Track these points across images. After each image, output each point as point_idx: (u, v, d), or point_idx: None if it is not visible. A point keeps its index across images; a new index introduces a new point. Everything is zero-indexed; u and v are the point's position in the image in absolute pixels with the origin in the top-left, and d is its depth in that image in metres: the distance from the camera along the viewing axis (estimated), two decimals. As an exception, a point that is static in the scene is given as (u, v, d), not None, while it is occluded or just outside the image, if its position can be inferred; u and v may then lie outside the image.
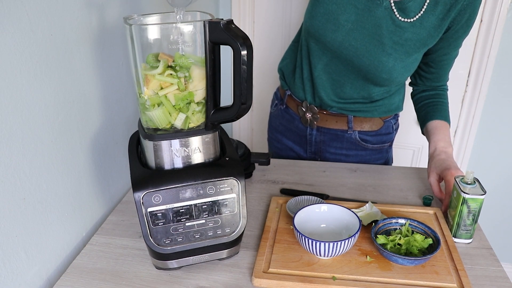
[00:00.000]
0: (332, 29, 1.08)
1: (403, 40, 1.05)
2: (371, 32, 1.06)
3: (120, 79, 1.04)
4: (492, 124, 1.91)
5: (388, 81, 1.10)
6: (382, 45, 1.05)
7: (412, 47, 1.06)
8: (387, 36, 1.05)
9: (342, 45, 1.08)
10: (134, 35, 0.69)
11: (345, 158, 1.28)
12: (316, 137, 1.27)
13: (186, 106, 0.73)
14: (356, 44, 1.07)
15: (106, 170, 1.02)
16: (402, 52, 1.06)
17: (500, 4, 1.69)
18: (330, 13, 1.07)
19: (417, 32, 1.04)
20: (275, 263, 0.82)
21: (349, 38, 1.07)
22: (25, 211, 0.75)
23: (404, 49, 1.06)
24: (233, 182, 0.77)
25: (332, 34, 1.08)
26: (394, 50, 1.05)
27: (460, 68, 1.86)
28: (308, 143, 1.30)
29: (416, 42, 1.05)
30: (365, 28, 1.06)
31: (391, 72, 1.08)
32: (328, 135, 1.26)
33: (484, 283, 0.80)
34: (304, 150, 1.32)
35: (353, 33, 1.06)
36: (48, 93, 0.78)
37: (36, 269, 0.79)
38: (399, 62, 1.07)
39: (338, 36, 1.08)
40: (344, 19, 1.06)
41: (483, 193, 0.87)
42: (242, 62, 0.68)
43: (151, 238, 0.75)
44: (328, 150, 1.28)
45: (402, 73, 1.10)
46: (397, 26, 1.04)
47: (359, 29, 1.06)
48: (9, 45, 0.68)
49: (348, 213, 0.88)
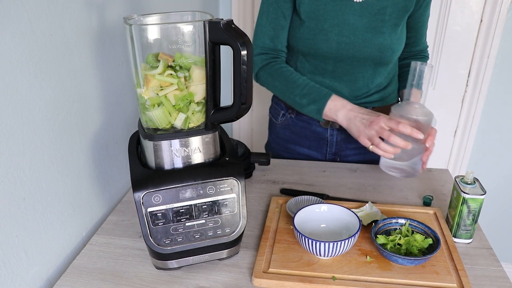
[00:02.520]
0: (323, 39, 1.11)
1: (387, 15, 1.09)
2: (357, 24, 1.10)
3: (120, 79, 1.04)
4: (492, 124, 1.91)
5: (392, 56, 1.15)
6: (372, 29, 1.10)
7: (397, 17, 1.11)
8: (372, 18, 1.09)
9: (339, 48, 1.11)
10: (134, 35, 0.69)
11: (365, 150, 1.19)
12: (337, 137, 1.26)
13: (186, 106, 0.73)
14: (350, 41, 1.11)
15: (106, 170, 1.02)
16: (390, 26, 1.11)
17: (500, 4, 1.70)
18: (314, 27, 1.11)
19: (396, 2, 1.09)
20: (275, 263, 0.82)
21: (343, 38, 1.10)
22: (25, 211, 0.75)
23: (391, 22, 1.10)
24: (233, 182, 0.77)
25: (325, 43, 1.12)
26: (384, 28, 1.10)
27: (460, 68, 1.86)
28: (329, 145, 1.28)
29: (399, 12, 1.10)
30: (350, 23, 1.10)
31: (392, 47, 1.13)
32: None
33: (484, 283, 0.80)
34: (322, 154, 1.30)
35: (342, 33, 1.10)
36: (48, 93, 0.78)
37: (36, 269, 0.79)
38: (393, 35, 1.12)
39: (331, 42, 1.11)
40: (328, 25, 1.10)
41: (483, 193, 0.87)
42: (242, 62, 0.68)
43: (151, 238, 0.75)
44: (349, 147, 1.27)
45: (400, 44, 1.15)
46: (378, 6, 1.09)
47: (346, 27, 1.10)
48: (9, 45, 0.68)
49: (348, 213, 0.88)
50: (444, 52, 1.84)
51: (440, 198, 1.07)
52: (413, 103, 0.99)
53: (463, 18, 1.77)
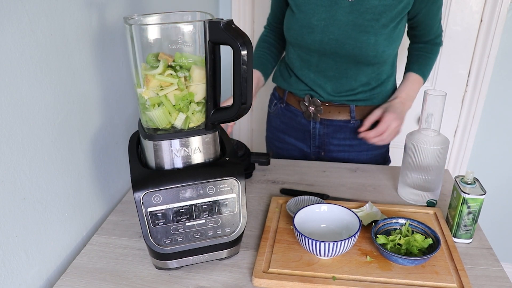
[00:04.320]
0: (308, 32, 1.15)
1: (377, 14, 1.09)
2: (344, 20, 1.11)
3: (120, 79, 1.04)
4: (492, 124, 1.91)
5: (376, 57, 1.14)
6: (358, 27, 1.11)
7: (387, 18, 1.10)
8: (359, 17, 1.10)
9: (322, 42, 1.14)
10: (134, 35, 0.69)
11: (349, 148, 1.29)
12: (320, 130, 1.29)
13: (186, 106, 0.73)
14: (335, 36, 1.13)
15: (106, 170, 1.02)
16: (379, 26, 1.10)
17: (500, 4, 1.69)
18: (302, 19, 1.15)
19: (385, 3, 1.09)
20: (275, 263, 0.82)
21: (327, 33, 1.13)
22: (25, 211, 0.75)
23: (380, 22, 1.10)
24: (233, 182, 0.77)
25: (309, 36, 1.15)
26: (371, 27, 1.10)
27: (460, 68, 1.86)
28: (312, 138, 1.31)
29: (390, 12, 1.10)
30: (338, 19, 1.11)
31: (376, 48, 1.12)
32: (331, 127, 1.27)
33: (484, 283, 0.80)
34: (307, 146, 1.33)
35: (328, 28, 1.12)
36: (48, 93, 0.78)
37: (36, 269, 0.79)
38: (380, 36, 1.11)
39: (316, 36, 1.14)
40: (316, 19, 1.13)
41: (483, 193, 0.87)
42: (242, 62, 0.68)
43: (151, 238, 0.75)
44: (332, 142, 1.30)
45: (387, 45, 1.14)
46: (367, 4, 1.09)
47: (332, 23, 1.12)
48: (9, 45, 0.68)
49: (348, 213, 0.88)
50: (444, 52, 1.84)
51: (440, 198, 1.07)
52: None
53: (463, 18, 1.77)
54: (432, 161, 0.98)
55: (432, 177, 1.01)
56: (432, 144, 0.97)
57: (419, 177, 1.01)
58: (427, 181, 1.01)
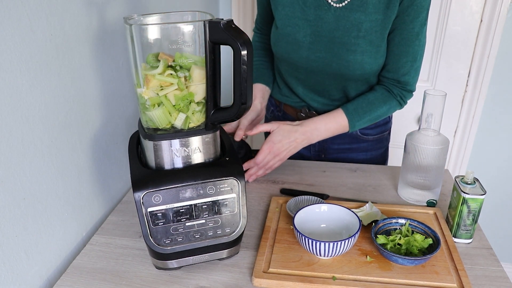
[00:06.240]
0: (294, 49, 1.12)
1: (363, 31, 1.05)
2: (330, 38, 1.08)
3: (120, 79, 1.04)
4: (492, 124, 1.91)
5: (364, 75, 1.11)
6: (344, 45, 1.07)
7: (373, 35, 1.05)
8: (345, 34, 1.07)
9: (309, 60, 1.12)
10: (134, 35, 0.69)
11: (349, 151, 1.29)
12: None
13: (186, 106, 0.73)
14: (321, 54, 1.10)
15: (106, 170, 1.02)
16: (365, 43, 1.06)
17: (500, 4, 1.70)
18: (288, 35, 1.11)
19: (372, 19, 1.04)
20: (275, 263, 0.82)
21: (313, 50, 1.11)
22: (25, 211, 0.75)
23: (367, 40, 1.06)
24: (233, 182, 0.77)
25: (296, 53, 1.13)
26: (357, 45, 1.06)
27: (460, 68, 1.86)
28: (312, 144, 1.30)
29: (376, 28, 1.04)
30: (323, 36, 1.08)
31: (362, 66, 1.09)
32: None
33: (484, 283, 0.80)
34: (307, 150, 1.33)
35: (314, 46, 1.10)
36: (48, 93, 0.78)
37: (36, 269, 0.79)
38: (366, 54, 1.07)
39: (302, 53, 1.12)
40: (302, 35, 1.10)
41: (483, 193, 0.87)
42: (242, 62, 0.68)
43: (151, 238, 0.75)
44: (331, 147, 1.30)
45: (374, 63, 1.09)
46: (353, 21, 1.05)
47: (318, 40, 1.09)
48: (9, 45, 0.68)
49: (348, 213, 0.88)
50: (444, 52, 1.84)
51: (440, 198, 1.07)
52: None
53: (463, 18, 1.77)
54: (432, 161, 0.98)
55: (432, 177, 1.01)
56: (432, 144, 0.97)
57: (419, 177, 1.01)
58: (427, 181, 1.01)
